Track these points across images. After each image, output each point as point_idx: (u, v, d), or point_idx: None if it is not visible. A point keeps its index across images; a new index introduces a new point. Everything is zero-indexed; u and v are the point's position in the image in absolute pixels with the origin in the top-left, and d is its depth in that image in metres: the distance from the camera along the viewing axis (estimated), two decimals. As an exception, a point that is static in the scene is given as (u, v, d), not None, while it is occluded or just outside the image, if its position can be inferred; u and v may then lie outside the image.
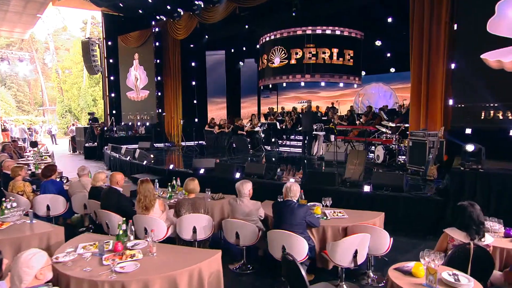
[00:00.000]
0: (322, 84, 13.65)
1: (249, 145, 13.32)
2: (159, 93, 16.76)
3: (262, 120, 16.47)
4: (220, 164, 8.03)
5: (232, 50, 17.92)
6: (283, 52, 12.88)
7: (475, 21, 7.22)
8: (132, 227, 3.49)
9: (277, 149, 13.13)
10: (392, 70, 15.12)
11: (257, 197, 5.05)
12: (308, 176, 6.72)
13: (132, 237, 3.42)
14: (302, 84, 13.41)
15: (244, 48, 17.57)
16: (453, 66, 7.59)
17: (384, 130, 9.56)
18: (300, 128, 12.68)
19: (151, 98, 16.88)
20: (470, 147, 5.23)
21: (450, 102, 7.67)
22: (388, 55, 14.47)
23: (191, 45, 16.51)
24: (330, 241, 3.82)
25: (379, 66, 15.41)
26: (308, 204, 4.80)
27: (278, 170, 9.08)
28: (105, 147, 13.39)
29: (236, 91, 19.19)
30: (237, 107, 19.52)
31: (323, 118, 13.97)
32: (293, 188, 3.92)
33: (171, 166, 8.81)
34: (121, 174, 4.75)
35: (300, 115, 14.55)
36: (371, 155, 9.74)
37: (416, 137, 7.56)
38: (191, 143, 14.55)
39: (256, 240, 4.15)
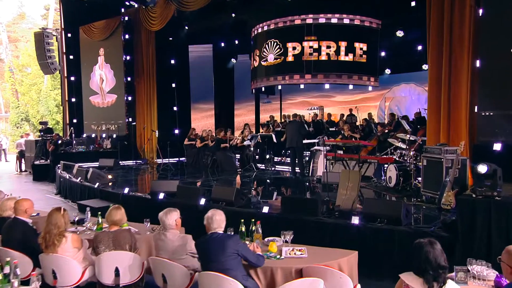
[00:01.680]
0: (327, 86, 13.63)
1: (238, 163, 13.49)
2: (130, 98, 17.02)
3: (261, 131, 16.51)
4: (183, 188, 8.10)
5: (222, 44, 18.14)
6: (278, 46, 13.08)
7: (505, 4, 7.19)
8: (17, 269, 3.49)
9: (273, 168, 13.23)
10: (425, 67, 15.04)
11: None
12: (282, 204, 6.67)
13: (16, 283, 3.42)
14: (302, 86, 13.40)
15: (236, 42, 17.77)
16: (478, 63, 7.54)
17: (398, 144, 9.46)
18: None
19: (120, 104, 17.12)
20: (482, 168, 5.15)
21: (476, 109, 7.60)
22: (419, 48, 14.38)
23: (170, 38, 16.79)
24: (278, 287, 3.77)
25: (408, 63, 15.34)
26: (265, 239, 4.75)
27: (275, 194, 9.26)
28: (58, 165, 13.54)
29: (228, 95, 19.40)
30: (229, 115, 19.75)
31: (330, 129, 14.02)
32: (216, 218, 3.95)
33: (126, 190, 8.86)
34: (30, 200, 4.78)
35: (305, 125, 14.60)
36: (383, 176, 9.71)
37: (431, 155, 7.49)
38: (171, 160, 14.68)
39: (189, 284, 4.12)
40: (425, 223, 6.11)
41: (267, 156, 13.81)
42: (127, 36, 16.84)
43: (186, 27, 15.85)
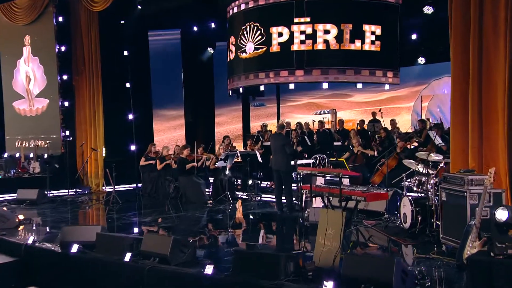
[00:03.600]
0: (325, 85, 13.48)
1: (211, 192, 13.52)
2: (66, 103, 16.84)
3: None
4: (104, 237, 7.82)
5: (194, 29, 18.17)
6: (259, 32, 13.00)
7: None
8: None
9: (258, 198, 13.24)
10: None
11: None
12: (234, 261, 6.49)
13: None
14: (291, 86, 13.24)
15: (212, 25, 17.75)
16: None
17: (415, 168, 9.25)
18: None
19: (53, 112, 16.91)
20: (501, 214, 4.83)
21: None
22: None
23: (121, 22, 16.75)
24: None
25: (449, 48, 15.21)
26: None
27: (262, 234, 8.93)
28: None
29: (205, 97, 19.46)
30: (207, 124, 19.86)
31: (337, 144, 14.17)
32: None
33: (30, 240, 8.58)
34: None
35: (306, 137, 14.84)
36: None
37: (451, 186, 7.24)
38: (125, 188, 14.61)
39: None
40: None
41: (250, 182, 13.77)
42: (61, 19, 16.61)
43: (139, 7, 15.67)
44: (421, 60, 16.15)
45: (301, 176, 12.01)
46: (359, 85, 13.31)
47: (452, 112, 8.32)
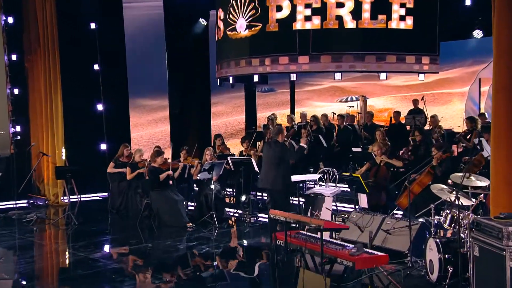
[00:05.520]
0: (338, 76, 13.24)
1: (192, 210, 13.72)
2: (17, 91, 16.71)
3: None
4: None
5: None
6: (252, 5, 12.78)
7: None
8: None
9: (253, 218, 13.33)
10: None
11: None
12: None
13: None
14: (293, 77, 13.15)
15: None
16: None
17: (446, 197, 8.52)
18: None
19: (0, 102, 16.60)
20: None
21: None
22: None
23: None
24: None
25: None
26: None
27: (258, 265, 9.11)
28: None
29: (197, 82, 19.37)
30: (201, 116, 19.80)
31: (356, 150, 14.14)
32: None
33: None
34: None
35: (320, 136, 14.96)
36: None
37: (485, 238, 6.60)
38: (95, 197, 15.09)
39: None
40: None
41: (243, 198, 13.66)
42: (6, -17, 16.67)
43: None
44: (478, 34, 16.04)
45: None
46: (383, 76, 12.83)
47: (494, 126, 7.87)
